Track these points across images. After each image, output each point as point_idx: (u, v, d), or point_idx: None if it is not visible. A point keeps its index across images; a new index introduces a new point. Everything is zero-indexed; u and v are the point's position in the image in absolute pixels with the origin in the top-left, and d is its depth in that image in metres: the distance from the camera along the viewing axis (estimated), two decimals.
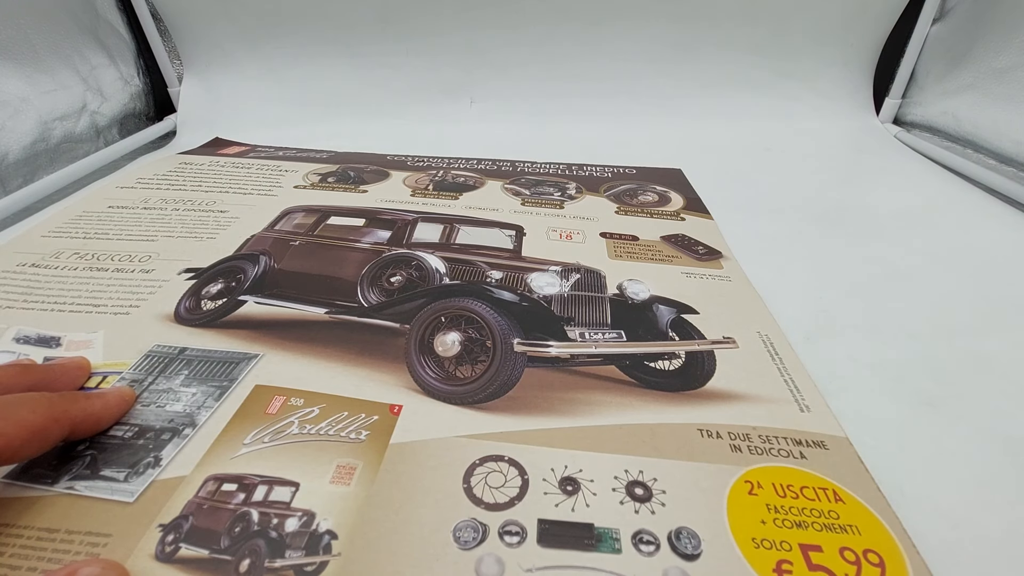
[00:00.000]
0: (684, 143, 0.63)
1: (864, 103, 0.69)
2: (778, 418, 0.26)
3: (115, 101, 0.66)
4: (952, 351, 0.32)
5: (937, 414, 0.28)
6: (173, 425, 0.25)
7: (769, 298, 0.35)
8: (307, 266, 0.38)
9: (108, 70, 0.65)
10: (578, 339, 0.31)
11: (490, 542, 0.20)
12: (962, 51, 0.59)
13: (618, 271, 0.38)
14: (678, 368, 0.30)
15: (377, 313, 0.33)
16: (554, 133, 0.66)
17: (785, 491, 0.22)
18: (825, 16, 0.64)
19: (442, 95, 0.70)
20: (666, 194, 0.50)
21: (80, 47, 0.61)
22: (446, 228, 0.41)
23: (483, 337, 0.30)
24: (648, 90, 0.69)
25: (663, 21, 0.65)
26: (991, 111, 0.55)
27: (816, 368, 0.29)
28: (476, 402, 0.27)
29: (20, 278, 0.36)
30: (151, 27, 0.68)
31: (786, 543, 0.20)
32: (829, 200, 0.51)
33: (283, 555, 0.20)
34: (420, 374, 0.28)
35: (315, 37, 0.68)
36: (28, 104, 0.54)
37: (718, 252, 0.41)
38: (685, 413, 0.26)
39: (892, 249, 0.42)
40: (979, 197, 0.50)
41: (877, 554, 0.20)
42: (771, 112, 0.68)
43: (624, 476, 0.23)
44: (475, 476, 0.23)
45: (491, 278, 0.36)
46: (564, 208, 0.47)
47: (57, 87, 0.57)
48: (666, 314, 0.33)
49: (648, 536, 0.21)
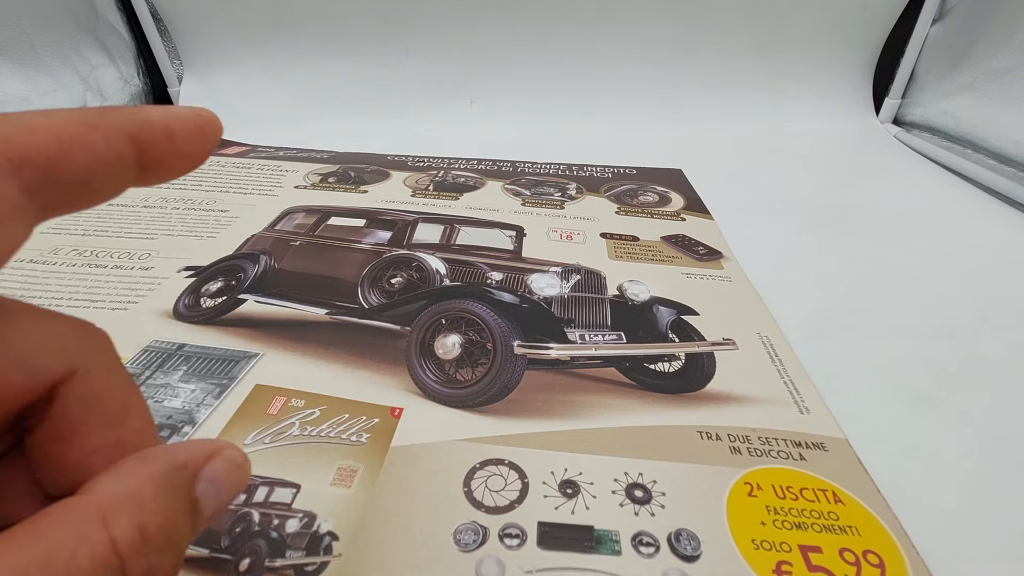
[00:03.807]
0: (684, 143, 0.63)
1: (864, 103, 0.69)
2: (778, 420, 0.26)
3: (115, 101, 0.66)
4: (952, 351, 0.32)
5: (937, 414, 0.28)
6: (172, 422, 0.25)
7: (769, 298, 0.35)
8: (308, 266, 0.38)
9: (108, 70, 0.65)
10: (578, 341, 0.31)
11: (490, 544, 0.20)
12: (962, 51, 0.59)
13: (618, 272, 0.38)
14: (678, 370, 0.30)
15: (377, 315, 0.33)
16: (554, 133, 0.67)
17: (785, 492, 0.23)
18: (825, 16, 0.64)
19: (442, 95, 0.70)
20: (666, 194, 0.51)
21: (80, 47, 0.61)
22: (446, 229, 0.42)
23: (483, 339, 0.30)
24: (648, 90, 0.69)
25: (663, 21, 0.65)
26: (991, 111, 0.55)
27: (816, 369, 0.29)
28: (476, 405, 0.27)
29: (18, 274, 0.36)
30: (151, 27, 0.68)
31: (786, 544, 0.21)
32: (829, 200, 0.51)
33: (283, 555, 0.20)
34: (420, 377, 0.28)
35: (315, 37, 0.68)
36: (28, 104, 0.54)
37: (718, 252, 0.41)
38: (685, 415, 0.26)
39: (892, 249, 0.42)
40: (979, 197, 0.50)
41: (877, 555, 0.20)
42: (771, 112, 0.68)
43: (624, 478, 0.23)
44: (475, 480, 0.23)
45: (491, 279, 0.36)
46: (564, 208, 0.47)
47: (57, 87, 0.57)
48: (666, 315, 0.33)
49: (648, 538, 0.21)
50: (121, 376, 0.15)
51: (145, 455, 0.14)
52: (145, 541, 0.13)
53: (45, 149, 0.12)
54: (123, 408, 0.15)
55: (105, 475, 0.13)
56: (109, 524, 0.12)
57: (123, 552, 0.12)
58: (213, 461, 0.15)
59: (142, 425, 0.15)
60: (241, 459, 0.16)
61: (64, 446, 0.14)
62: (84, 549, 0.11)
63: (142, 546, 0.12)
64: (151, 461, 0.14)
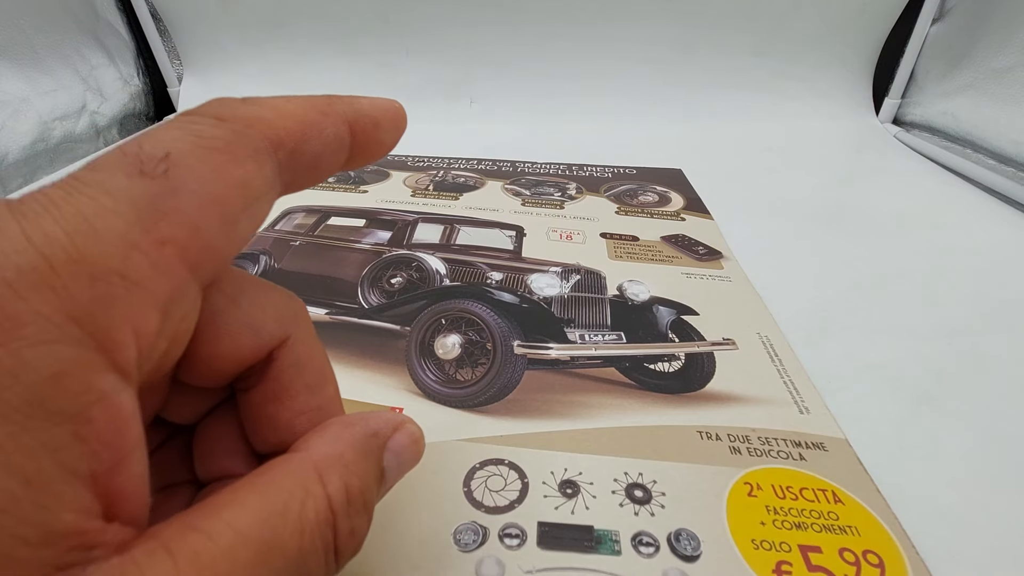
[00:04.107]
0: (684, 143, 0.63)
1: (864, 103, 0.69)
2: (777, 420, 0.26)
3: (115, 101, 0.66)
4: (952, 351, 0.32)
5: (936, 414, 0.28)
6: None
7: (769, 298, 0.35)
8: (307, 266, 0.38)
9: (108, 70, 0.65)
10: (578, 341, 0.31)
11: (490, 544, 0.20)
12: (962, 51, 0.59)
13: (618, 272, 0.38)
14: (678, 370, 0.30)
15: (377, 315, 0.33)
16: (554, 133, 0.66)
17: (784, 492, 0.23)
18: (825, 16, 0.64)
19: (442, 95, 0.70)
20: (666, 194, 0.51)
21: (80, 47, 0.61)
22: (446, 229, 0.42)
23: (483, 339, 0.30)
24: (648, 90, 0.69)
25: (663, 21, 0.65)
26: (991, 111, 0.55)
27: (815, 369, 0.29)
28: (476, 405, 0.27)
29: None
30: (151, 27, 0.68)
31: (785, 544, 0.21)
32: (829, 200, 0.51)
33: None
34: (420, 377, 0.28)
35: (315, 37, 0.68)
36: (28, 104, 0.54)
37: (718, 252, 0.41)
38: (685, 415, 0.26)
39: (892, 249, 0.42)
40: (979, 197, 0.50)
41: (876, 555, 0.20)
42: (771, 112, 0.68)
43: (624, 478, 0.23)
44: (475, 480, 0.23)
45: (491, 279, 0.36)
46: (564, 208, 0.47)
47: (57, 87, 0.57)
48: (666, 315, 0.33)
49: (648, 538, 0.21)
50: (319, 345, 0.16)
51: (345, 420, 0.15)
52: (350, 501, 0.13)
53: (294, 133, 0.13)
54: (322, 375, 0.15)
55: (313, 435, 0.14)
56: (325, 481, 0.13)
57: (336, 509, 0.13)
58: (398, 433, 0.15)
59: (334, 392, 0.16)
60: (419, 434, 0.16)
61: (277, 406, 0.14)
62: (310, 503, 0.12)
63: (347, 506, 0.13)
64: (351, 426, 0.15)
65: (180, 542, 0.10)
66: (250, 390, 0.15)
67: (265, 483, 0.12)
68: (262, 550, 0.11)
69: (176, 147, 0.11)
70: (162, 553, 0.10)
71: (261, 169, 0.12)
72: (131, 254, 0.10)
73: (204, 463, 0.15)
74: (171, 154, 0.11)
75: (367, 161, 0.16)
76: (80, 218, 0.10)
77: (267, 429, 0.15)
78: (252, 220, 0.13)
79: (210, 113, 0.12)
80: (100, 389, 0.10)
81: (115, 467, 0.10)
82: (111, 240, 0.10)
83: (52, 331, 0.09)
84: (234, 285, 0.14)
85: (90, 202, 0.10)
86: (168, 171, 0.11)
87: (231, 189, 0.12)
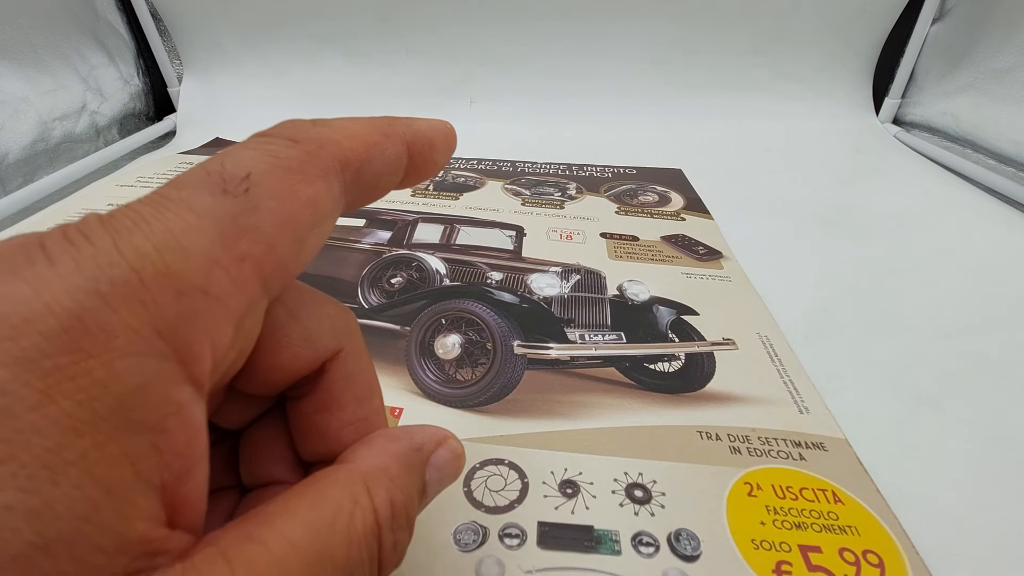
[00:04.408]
0: (684, 143, 0.63)
1: (864, 103, 0.69)
2: (777, 420, 0.26)
3: (115, 101, 0.66)
4: (952, 351, 0.32)
5: (936, 414, 0.28)
6: None
7: (769, 298, 0.35)
8: (307, 266, 0.38)
9: (108, 70, 0.65)
10: (578, 341, 0.31)
11: (490, 544, 0.20)
12: (962, 51, 0.59)
13: (618, 271, 0.38)
14: (678, 370, 0.30)
15: (377, 315, 0.33)
16: (554, 133, 0.66)
17: (784, 492, 0.23)
18: (825, 16, 0.64)
19: (442, 95, 0.70)
20: (666, 194, 0.51)
21: (80, 47, 0.61)
22: (446, 228, 0.42)
23: (483, 339, 0.30)
24: (648, 90, 0.69)
25: (663, 21, 0.65)
26: (991, 111, 0.55)
27: (815, 369, 0.29)
28: (476, 405, 0.27)
29: None
30: (151, 27, 0.68)
31: (785, 544, 0.21)
32: (829, 200, 0.51)
33: None
34: (420, 376, 0.28)
35: (315, 37, 0.68)
36: (28, 104, 0.54)
37: (718, 252, 0.41)
38: (684, 415, 0.26)
39: (892, 249, 0.42)
40: (979, 197, 0.50)
41: (876, 555, 0.20)
42: (771, 112, 0.68)
43: (624, 478, 0.23)
44: (475, 480, 0.23)
45: (491, 279, 0.36)
46: (564, 208, 0.47)
47: (57, 87, 0.57)
48: (666, 315, 0.33)
49: (648, 538, 0.21)
50: (368, 357, 0.16)
51: (390, 433, 0.15)
52: (394, 515, 0.13)
53: (359, 153, 0.14)
54: (370, 388, 0.16)
55: (360, 447, 0.14)
56: (372, 494, 0.13)
57: (381, 522, 0.13)
58: (441, 448, 0.16)
59: (380, 404, 0.16)
60: (461, 450, 0.16)
61: (327, 416, 0.15)
62: (358, 515, 0.12)
63: (392, 519, 0.13)
64: (397, 440, 0.15)
65: (237, 551, 0.11)
66: (301, 399, 0.15)
67: (315, 494, 0.12)
68: (313, 560, 0.11)
69: (256, 167, 0.12)
70: (221, 561, 0.10)
71: (330, 188, 0.13)
72: (213, 270, 0.10)
73: (250, 468, 0.16)
74: (252, 174, 0.12)
75: (420, 180, 0.16)
76: (168, 234, 0.10)
77: (315, 438, 0.15)
78: (319, 238, 0.13)
79: (284, 135, 0.13)
80: (177, 401, 0.10)
81: (182, 476, 0.10)
82: (196, 256, 0.10)
83: (140, 344, 0.09)
84: (294, 298, 0.14)
85: (177, 219, 0.10)
86: (249, 190, 0.11)
87: (303, 208, 0.12)
